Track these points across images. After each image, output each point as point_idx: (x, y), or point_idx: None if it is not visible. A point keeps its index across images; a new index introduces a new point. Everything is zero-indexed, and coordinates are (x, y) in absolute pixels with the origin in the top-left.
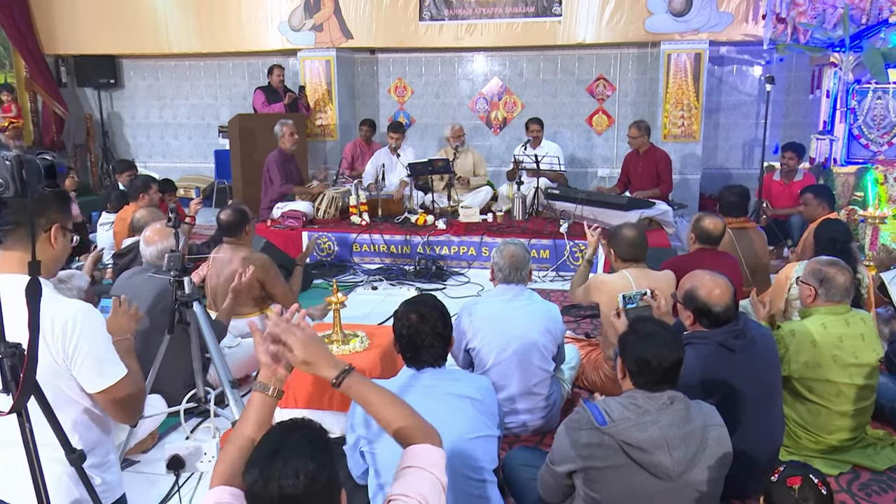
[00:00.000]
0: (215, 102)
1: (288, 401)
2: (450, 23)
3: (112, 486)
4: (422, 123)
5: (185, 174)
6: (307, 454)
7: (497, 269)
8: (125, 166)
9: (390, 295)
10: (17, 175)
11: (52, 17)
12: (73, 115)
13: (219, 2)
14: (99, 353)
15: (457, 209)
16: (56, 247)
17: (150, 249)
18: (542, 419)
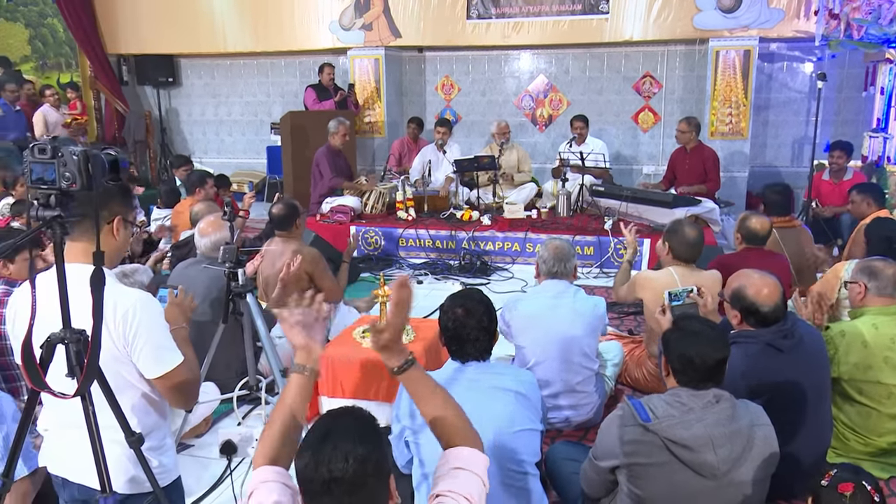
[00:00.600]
0: (268, 100)
1: (335, 390)
2: (497, 21)
3: (168, 468)
4: (468, 121)
5: (238, 169)
6: (356, 439)
7: (542, 261)
8: (182, 161)
9: (435, 289)
10: (84, 169)
11: (115, 19)
12: (133, 112)
13: (273, 2)
14: (157, 340)
15: (501, 205)
16: (118, 238)
17: (205, 241)
18: (585, 415)
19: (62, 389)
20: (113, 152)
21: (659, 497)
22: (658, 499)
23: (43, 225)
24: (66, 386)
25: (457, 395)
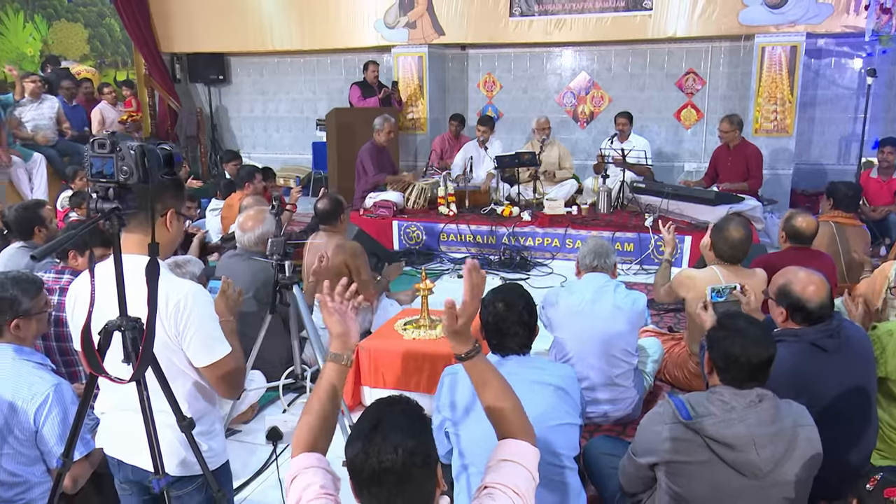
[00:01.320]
0: (313, 97)
1: (378, 381)
2: (539, 18)
3: (217, 452)
4: (509, 117)
5: (284, 165)
6: (406, 431)
7: (581, 257)
8: (231, 157)
9: None
10: (141, 163)
11: (169, 18)
12: (185, 108)
13: (319, 1)
14: (207, 330)
15: (542, 201)
16: (171, 230)
17: (248, 236)
18: (623, 410)
19: (118, 375)
20: (168, 147)
21: (699, 495)
22: (698, 497)
23: (102, 217)
24: (122, 371)
25: None
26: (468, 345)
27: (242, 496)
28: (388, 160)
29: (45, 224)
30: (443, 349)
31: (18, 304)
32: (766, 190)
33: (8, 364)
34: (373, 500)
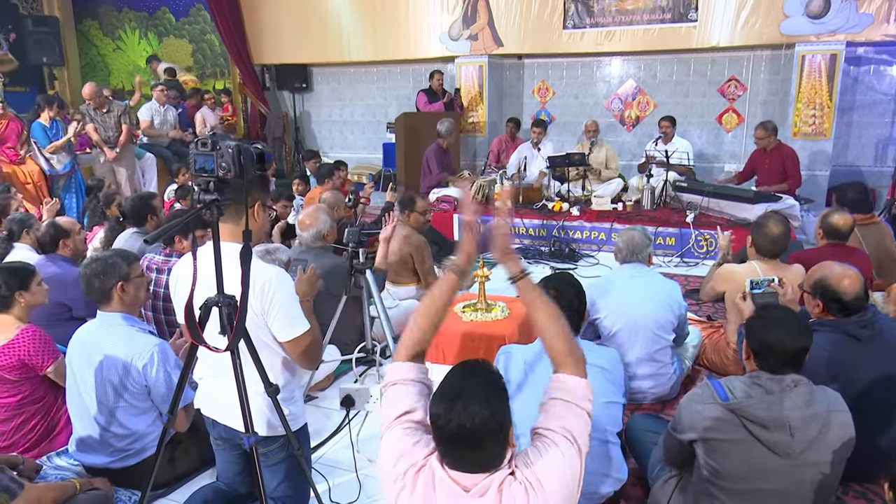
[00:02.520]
0: (385, 103)
1: (438, 357)
2: (591, 30)
3: (297, 416)
4: (561, 121)
5: (358, 163)
6: (485, 400)
7: (617, 251)
8: (312, 156)
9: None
10: (237, 160)
11: (261, 34)
12: (273, 113)
13: (391, 17)
14: (289, 309)
15: (590, 198)
16: (258, 220)
17: (306, 234)
18: (662, 387)
19: (215, 344)
20: (260, 146)
21: (734, 471)
22: (733, 472)
23: (203, 207)
24: (218, 342)
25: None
26: (518, 266)
27: (318, 455)
28: (450, 161)
29: (156, 213)
30: (497, 330)
31: (120, 268)
32: (803, 190)
33: (119, 329)
34: (451, 454)
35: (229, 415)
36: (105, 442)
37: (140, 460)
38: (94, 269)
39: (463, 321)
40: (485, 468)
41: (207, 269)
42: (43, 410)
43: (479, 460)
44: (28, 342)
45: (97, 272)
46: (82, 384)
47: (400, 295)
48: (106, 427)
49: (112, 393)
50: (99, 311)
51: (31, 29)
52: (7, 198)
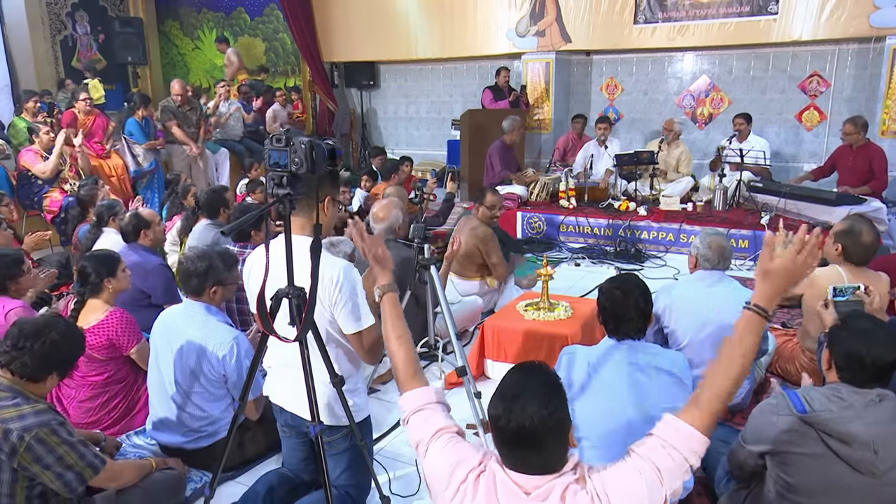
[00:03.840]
0: (450, 100)
1: (499, 355)
2: (663, 25)
3: (360, 407)
4: (629, 118)
5: (422, 160)
6: (543, 400)
7: (703, 258)
8: (378, 152)
9: (591, 272)
10: (309, 156)
11: (331, 32)
12: (341, 110)
13: (458, 15)
14: (355, 302)
15: (658, 197)
16: (327, 214)
17: (379, 227)
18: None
19: (285, 335)
20: (331, 142)
21: (810, 486)
22: (809, 488)
23: (276, 201)
24: (288, 332)
25: (611, 370)
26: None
27: (379, 447)
28: (514, 157)
29: (228, 206)
30: (560, 330)
31: (220, 272)
32: (890, 192)
33: (201, 318)
34: (511, 455)
35: (296, 403)
36: (181, 423)
37: (212, 443)
38: (196, 268)
39: (525, 320)
40: (546, 470)
41: (279, 261)
42: (125, 390)
43: (540, 461)
44: (116, 324)
45: (199, 272)
46: (163, 366)
47: (464, 289)
48: (182, 408)
49: (190, 377)
50: (185, 298)
51: (117, 30)
52: (94, 188)
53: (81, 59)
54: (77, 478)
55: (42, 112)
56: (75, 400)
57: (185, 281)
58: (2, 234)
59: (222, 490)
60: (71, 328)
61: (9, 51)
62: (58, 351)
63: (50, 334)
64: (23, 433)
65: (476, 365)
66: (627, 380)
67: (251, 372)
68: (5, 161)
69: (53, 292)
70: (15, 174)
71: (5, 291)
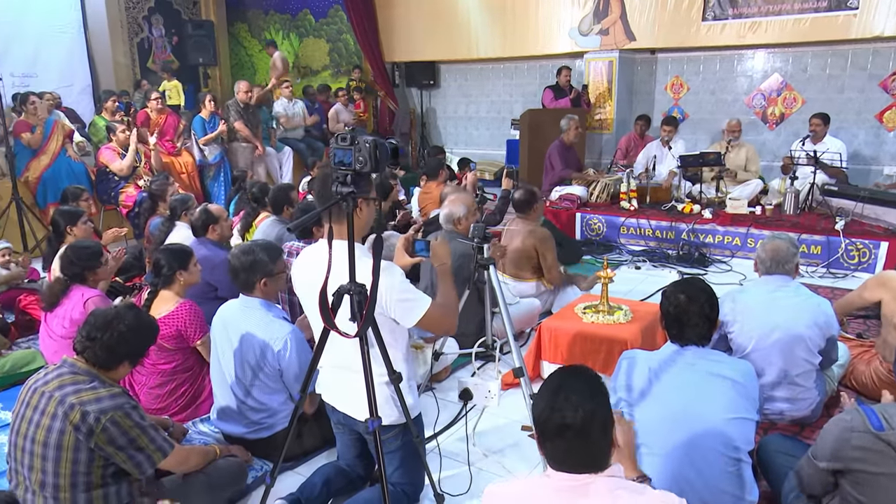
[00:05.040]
0: (510, 99)
1: (556, 357)
2: (733, 21)
3: (412, 406)
4: (695, 118)
5: (480, 159)
6: (586, 394)
7: (759, 262)
8: (436, 151)
9: (652, 275)
10: (373, 155)
11: (393, 33)
12: (401, 109)
13: (520, 14)
14: (402, 297)
15: (724, 200)
16: (362, 217)
17: (441, 214)
18: (801, 410)
19: (345, 330)
20: (394, 142)
21: None
22: None
23: (340, 199)
24: (348, 328)
25: (673, 376)
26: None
27: (432, 445)
28: (575, 157)
29: (292, 204)
30: (619, 334)
31: (266, 265)
32: None
33: (258, 313)
34: (554, 451)
35: (347, 403)
36: (242, 414)
37: (272, 434)
38: (242, 263)
39: (583, 322)
40: (589, 466)
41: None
42: (191, 379)
43: (583, 457)
44: (185, 315)
45: (245, 266)
46: (224, 359)
47: (520, 291)
48: (242, 400)
49: (249, 371)
50: (241, 294)
51: (190, 32)
52: (165, 184)
53: (156, 61)
54: (147, 460)
55: (119, 111)
56: (146, 386)
57: (234, 278)
58: (82, 228)
59: (281, 480)
60: (139, 320)
61: (91, 54)
62: (125, 342)
63: (118, 326)
64: (99, 415)
65: (532, 366)
66: (690, 387)
67: (312, 365)
68: (86, 158)
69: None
70: (94, 170)
71: (84, 281)
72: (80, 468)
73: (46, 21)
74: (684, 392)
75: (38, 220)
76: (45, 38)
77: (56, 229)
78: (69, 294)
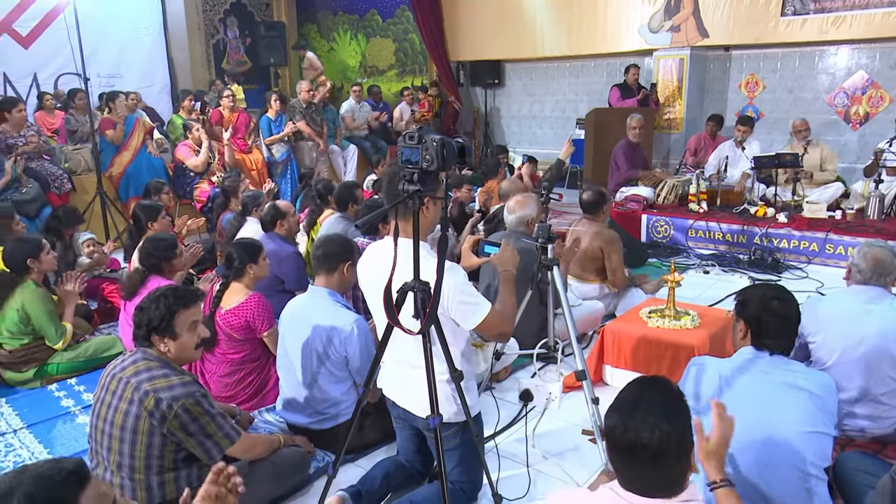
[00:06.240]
0: (575, 98)
1: (619, 361)
2: (815, 16)
3: (472, 403)
4: (770, 118)
5: (544, 159)
6: (664, 413)
7: (856, 270)
8: (500, 151)
9: (721, 280)
10: (440, 153)
11: (458, 32)
12: (465, 108)
13: (588, 11)
14: (464, 299)
15: (801, 203)
16: (427, 215)
17: (511, 217)
18: (884, 428)
19: (409, 327)
20: (461, 140)
21: None
22: None
23: (406, 197)
24: (411, 325)
25: (746, 385)
26: (717, 475)
27: (490, 445)
28: (641, 157)
29: (357, 201)
30: (686, 339)
31: (351, 249)
32: None
33: (325, 303)
34: (625, 470)
35: (407, 399)
36: (307, 404)
37: (335, 425)
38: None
39: (648, 326)
40: (662, 491)
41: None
42: (258, 369)
43: (656, 480)
44: (254, 307)
45: (335, 247)
46: (291, 350)
47: (584, 292)
48: (308, 390)
49: (315, 360)
50: (311, 286)
51: (262, 34)
52: (237, 180)
53: (230, 61)
54: (216, 447)
55: (195, 110)
56: (216, 375)
57: (323, 260)
58: (161, 223)
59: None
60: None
61: (170, 55)
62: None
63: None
64: (171, 402)
65: (594, 370)
66: (763, 397)
67: (376, 359)
68: (164, 154)
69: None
70: (172, 166)
71: (160, 272)
72: (154, 452)
73: (130, 24)
74: (757, 402)
75: (119, 214)
76: (128, 41)
77: (137, 223)
78: (147, 284)
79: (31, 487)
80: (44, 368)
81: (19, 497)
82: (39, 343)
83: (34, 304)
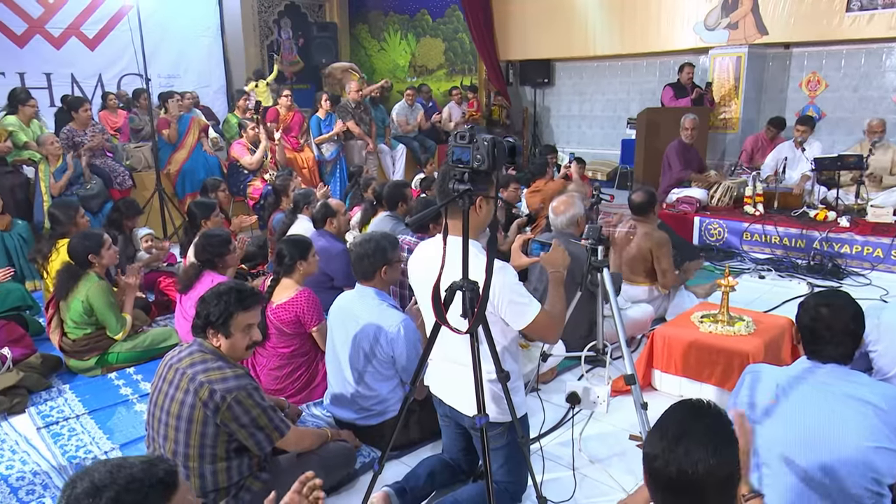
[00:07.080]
0: (627, 97)
1: (669, 366)
2: (883, 11)
3: (518, 404)
4: (833, 118)
5: (593, 159)
6: (710, 448)
7: None
8: (549, 150)
9: (777, 285)
10: (491, 153)
11: (508, 31)
12: (514, 108)
13: (641, 8)
14: (514, 298)
15: (864, 207)
16: (479, 214)
17: (560, 219)
18: None
19: (457, 326)
20: (512, 140)
21: None
22: None
23: (457, 196)
24: (459, 324)
25: (804, 395)
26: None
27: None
28: (696, 157)
29: (406, 200)
30: (739, 346)
31: (387, 253)
32: None
33: (372, 302)
34: (664, 502)
35: (454, 397)
36: (353, 400)
37: (380, 421)
38: (365, 250)
39: (700, 331)
40: None
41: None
42: (307, 364)
43: None
44: (304, 302)
45: (368, 253)
46: (339, 346)
47: (633, 295)
48: (355, 387)
49: (362, 358)
50: (357, 284)
51: (315, 34)
52: (288, 179)
53: (283, 61)
54: (266, 439)
55: (250, 109)
56: (266, 368)
57: (358, 264)
58: (215, 220)
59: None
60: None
61: (226, 56)
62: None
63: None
64: (225, 394)
65: (643, 374)
66: (823, 409)
67: (423, 358)
68: (219, 152)
69: (251, 270)
70: (226, 164)
71: (214, 267)
72: (208, 441)
73: (190, 26)
74: (816, 414)
75: (176, 210)
76: (188, 42)
77: (192, 220)
78: (201, 278)
79: (120, 489)
80: (104, 357)
81: (110, 495)
82: (101, 333)
83: (97, 296)
